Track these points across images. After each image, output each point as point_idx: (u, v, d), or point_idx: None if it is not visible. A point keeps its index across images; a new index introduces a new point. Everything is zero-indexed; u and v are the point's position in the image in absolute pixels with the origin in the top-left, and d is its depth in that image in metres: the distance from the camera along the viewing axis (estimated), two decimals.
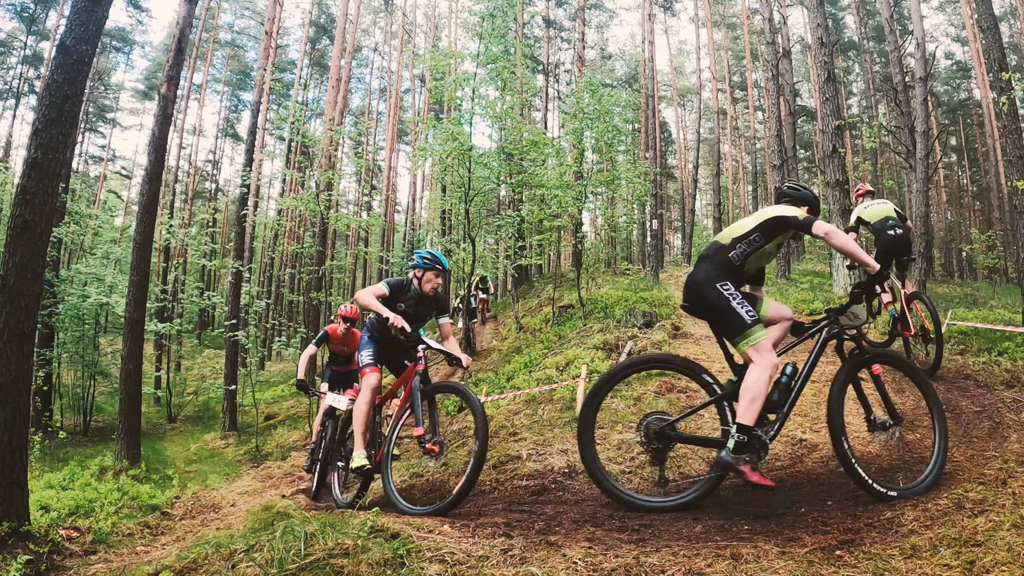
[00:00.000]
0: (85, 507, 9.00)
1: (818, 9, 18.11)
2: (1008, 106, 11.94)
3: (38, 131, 6.99)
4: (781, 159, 23.75)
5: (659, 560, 3.56)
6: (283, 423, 21.35)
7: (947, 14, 47.55)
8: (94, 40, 7.65)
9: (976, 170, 48.24)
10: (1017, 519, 3.68)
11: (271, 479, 12.47)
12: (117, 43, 47.40)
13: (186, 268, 43.62)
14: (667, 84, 56.00)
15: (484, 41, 19.02)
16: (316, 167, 29.59)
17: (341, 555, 3.36)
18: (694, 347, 11.72)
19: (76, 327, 23.98)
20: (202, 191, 52.04)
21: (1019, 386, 7.43)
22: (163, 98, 15.35)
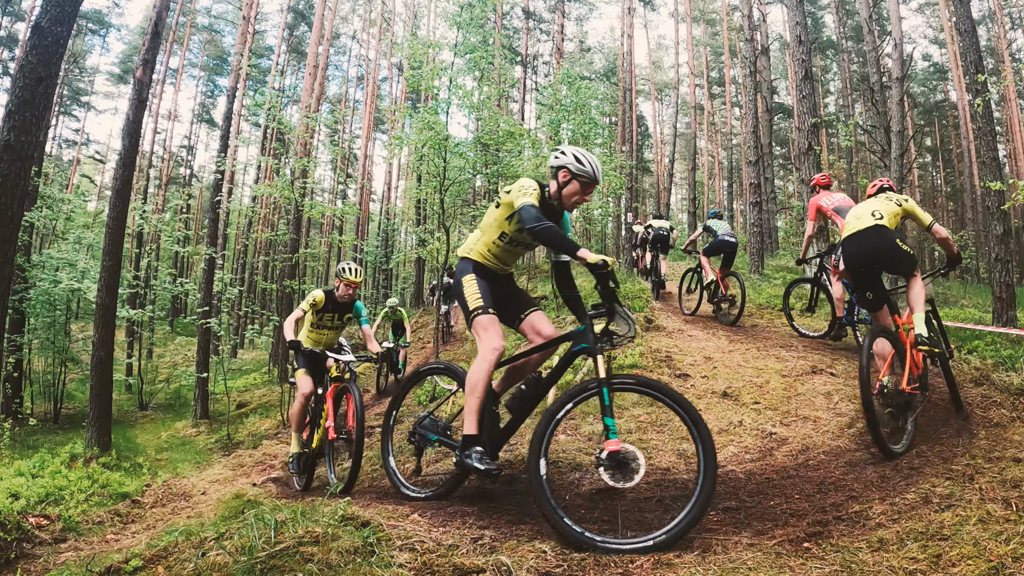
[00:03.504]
0: (55, 495, 8.95)
1: (797, 7, 18.18)
2: (983, 108, 12.05)
3: (11, 113, 6.93)
4: (757, 155, 23.85)
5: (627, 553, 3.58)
6: (255, 411, 21.29)
7: (925, 16, 47.96)
8: (70, 22, 7.59)
9: (950, 171, 48.72)
10: (983, 514, 3.73)
11: (242, 467, 12.44)
12: (93, 25, 46.97)
13: (159, 254, 43.35)
14: (645, 78, 56.11)
15: (463, 31, 18.98)
16: (291, 154, 29.45)
17: (311, 543, 3.36)
18: (666, 340, 11.75)
19: (47, 313, 23.77)
20: (176, 177, 51.68)
21: (988, 384, 7.51)
22: (138, 82, 15.22)
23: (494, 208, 5.24)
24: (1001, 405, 6.79)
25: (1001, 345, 8.96)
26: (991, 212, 11.91)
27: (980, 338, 9.47)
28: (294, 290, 25.88)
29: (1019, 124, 41.53)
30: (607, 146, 31.28)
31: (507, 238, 5.23)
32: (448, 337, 21.81)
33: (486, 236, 5.28)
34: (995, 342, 9.19)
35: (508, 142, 19.51)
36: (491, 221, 5.25)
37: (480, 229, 5.36)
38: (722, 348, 10.68)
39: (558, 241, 4.64)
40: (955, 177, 47.26)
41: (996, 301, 11.47)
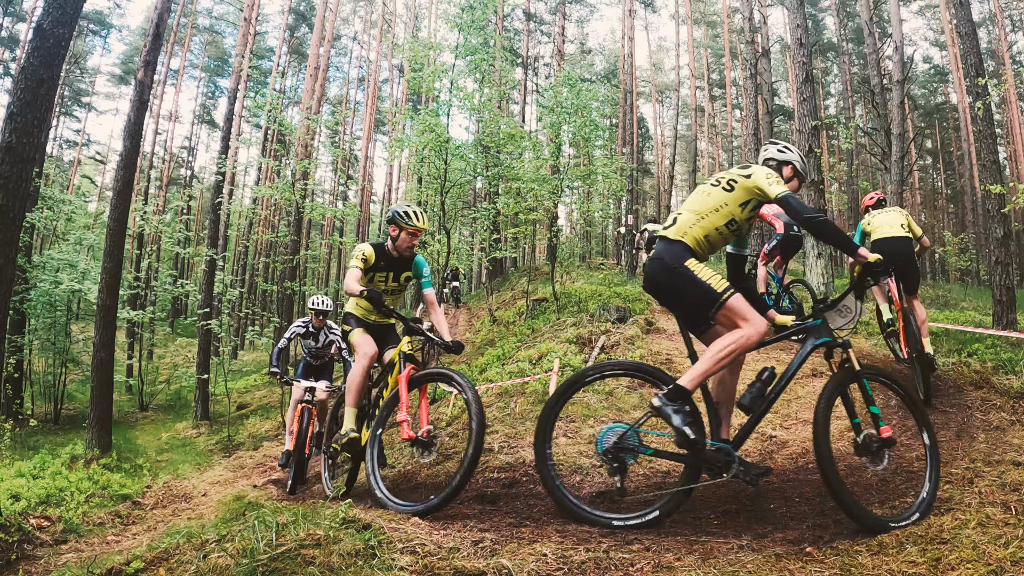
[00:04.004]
0: (56, 496, 8.94)
1: (798, 10, 18.17)
2: (983, 111, 12.04)
3: (12, 115, 6.93)
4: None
5: (628, 554, 3.59)
6: (255, 412, 21.28)
7: (926, 18, 47.95)
8: (71, 23, 7.60)
9: (951, 173, 48.69)
10: (982, 518, 3.73)
11: (243, 469, 12.43)
12: (94, 26, 46.92)
13: (159, 255, 43.27)
14: (646, 80, 56.08)
15: (464, 32, 19.01)
16: (292, 156, 29.47)
17: (312, 546, 3.36)
18: (667, 343, 11.77)
19: (48, 314, 23.77)
20: (177, 178, 51.68)
21: (987, 387, 7.52)
22: (139, 83, 15.22)
23: (722, 191, 4.81)
24: (1001, 408, 6.80)
25: (1001, 348, 8.97)
26: (991, 215, 11.91)
27: (980, 341, 9.48)
28: (295, 291, 25.89)
29: (1020, 126, 41.53)
30: (608, 148, 31.34)
31: (734, 226, 4.81)
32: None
33: (707, 221, 4.73)
34: (995, 345, 9.20)
35: (509, 144, 19.53)
36: (716, 204, 4.79)
37: (695, 212, 4.78)
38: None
39: (838, 236, 4.52)
40: (955, 179, 47.26)
41: (996, 304, 11.47)
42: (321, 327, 10.77)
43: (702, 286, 4.48)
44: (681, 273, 4.54)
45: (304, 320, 10.93)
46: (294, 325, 10.99)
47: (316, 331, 10.78)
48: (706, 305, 4.50)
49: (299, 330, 10.81)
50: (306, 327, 10.78)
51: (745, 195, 4.74)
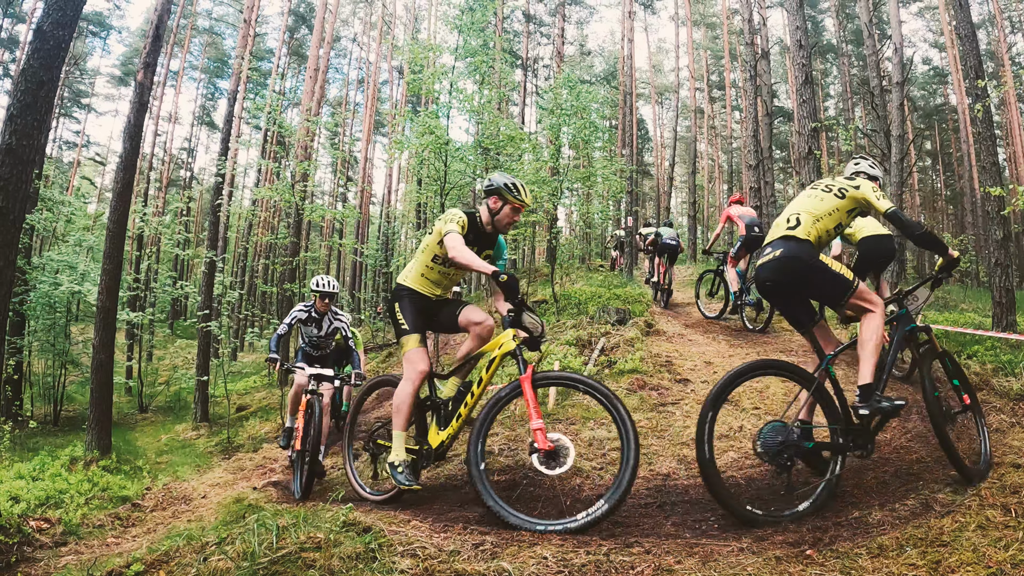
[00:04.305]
0: (55, 498, 8.92)
1: (797, 12, 18.17)
2: (983, 113, 12.04)
3: (12, 117, 6.94)
4: (757, 159, 23.84)
5: (629, 557, 3.59)
6: (255, 414, 21.25)
7: (925, 20, 47.92)
8: (71, 25, 7.61)
9: (950, 174, 48.67)
10: (983, 520, 3.74)
11: (242, 471, 12.42)
12: (94, 27, 46.89)
13: (159, 257, 43.26)
14: (645, 82, 56.09)
15: (463, 34, 19.02)
16: (292, 157, 29.46)
17: (313, 549, 3.37)
18: (667, 344, 11.77)
19: (47, 315, 23.77)
20: (177, 179, 51.67)
21: (987, 389, 7.52)
22: (139, 85, 15.21)
23: (834, 197, 5.33)
24: (1001, 410, 6.81)
25: (1001, 350, 8.97)
26: (991, 217, 11.91)
27: (980, 343, 9.48)
28: (294, 293, 25.87)
29: (1019, 128, 41.51)
30: (607, 150, 31.33)
31: (840, 230, 5.40)
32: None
33: (821, 223, 5.25)
34: (995, 347, 9.20)
35: (509, 146, 19.53)
36: (830, 208, 5.30)
37: (812, 215, 5.26)
38: (722, 353, 10.70)
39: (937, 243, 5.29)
40: (955, 181, 47.23)
41: (996, 306, 11.46)
42: (325, 312, 9.70)
43: (837, 276, 5.05)
44: (817, 267, 5.06)
45: (306, 304, 9.78)
46: (295, 310, 9.77)
47: (319, 317, 9.73)
48: (841, 293, 5.07)
49: (300, 315, 9.66)
50: (308, 312, 9.68)
51: (852, 204, 5.32)
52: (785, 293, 5.39)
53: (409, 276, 6.02)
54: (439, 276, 6.00)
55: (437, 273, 5.98)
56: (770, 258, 5.25)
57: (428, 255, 5.92)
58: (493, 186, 5.81)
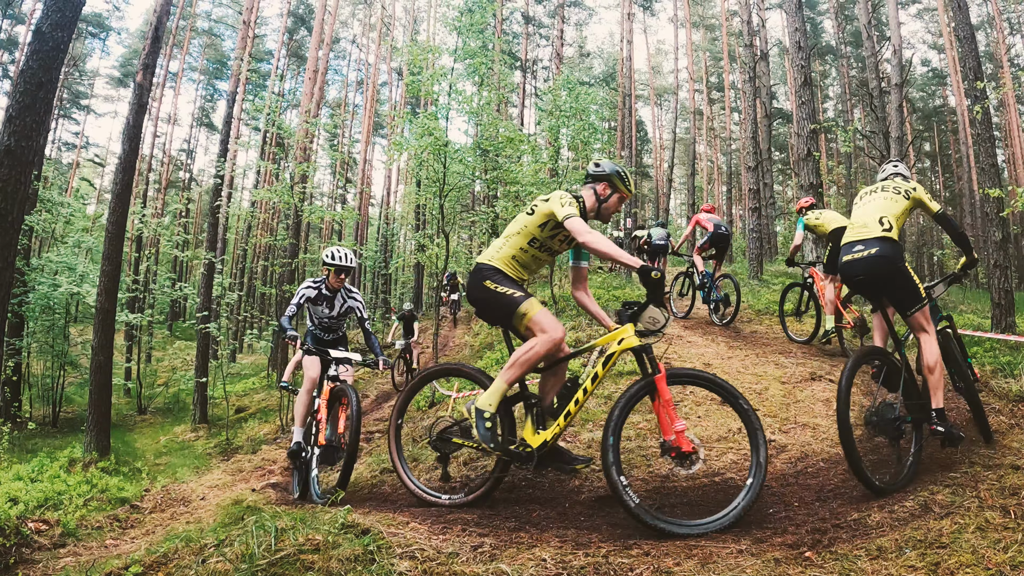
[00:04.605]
0: (54, 499, 8.93)
1: (796, 13, 18.19)
2: (982, 115, 12.06)
3: (11, 118, 6.94)
4: (756, 161, 23.84)
5: (628, 559, 3.59)
6: (254, 416, 21.26)
7: (924, 21, 48.03)
8: (70, 27, 7.60)
9: (949, 176, 48.76)
10: (982, 522, 3.73)
11: (241, 472, 12.41)
12: (93, 29, 46.94)
13: (158, 258, 43.27)
14: (644, 83, 56.16)
15: (462, 36, 18.98)
16: (291, 159, 29.47)
17: (311, 551, 3.36)
18: (665, 346, 11.76)
19: (46, 316, 23.76)
20: (176, 180, 51.72)
21: (986, 391, 7.51)
22: (138, 86, 15.22)
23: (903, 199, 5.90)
24: (1000, 412, 6.80)
25: (1000, 351, 8.97)
26: (990, 218, 11.93)
27: (979, 344, 9.48)
28: (293, 295, 25.92)
29: (1018, 130, 41.58)
30: (606, 151, 31.28)
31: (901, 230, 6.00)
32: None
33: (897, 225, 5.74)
34: (994, 348, 9.20)
35: (508, 147, 19.51)
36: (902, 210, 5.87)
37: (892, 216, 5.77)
38: (721, 354, 10.68)
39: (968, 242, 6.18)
40: (954, 182, 47.33)
41: (995, 307, 11.48)
42: (338, 289, 8.31)
43: (916, 288, 5.52)
44: (904, 272, 5.48)
45: (316, 280, 8.36)
46: (303, 287, 8.30)
47: (331, 294, 8.32)
48: (912, 304, 5.54)
49: (309, 292, 8.23)
50: (318, 289, 8.27)
51: (913, 205, 5.93)
52: (874, 289, 5.84)
53: (496, 257, 5.42)
54: (530, 260, 5.51)
55: (530, 257, 5.49)
56: (865, 255, 5.60)
57: (524, 237, 5.42)
58: (604, 172, 5.49)
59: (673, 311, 15.07)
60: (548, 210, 5.20)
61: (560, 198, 5.20)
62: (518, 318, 5.10)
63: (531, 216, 5.36)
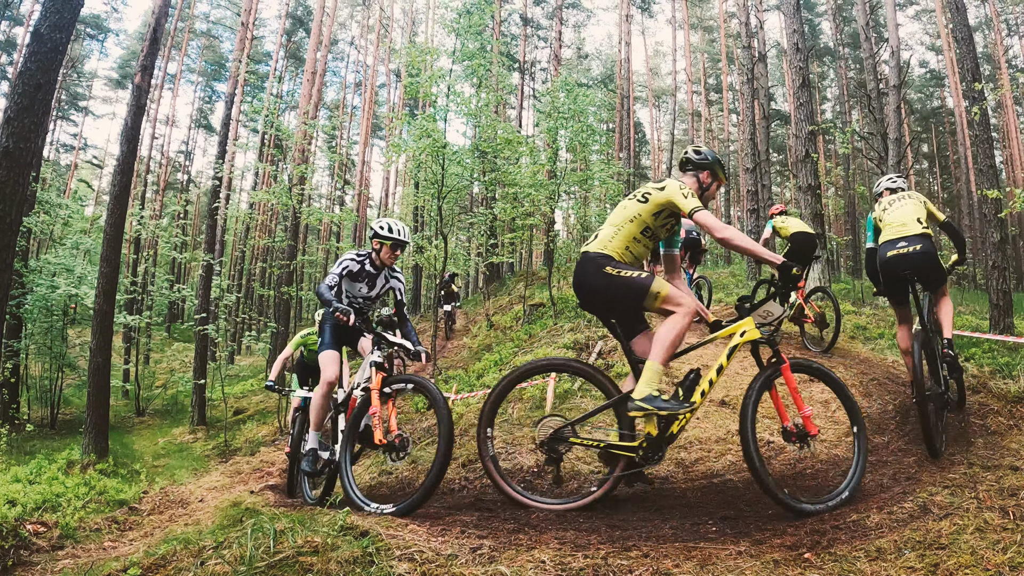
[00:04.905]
0: (52, 501, 8.90)
1: (795, 15, 18.20)
2: (980, 116, 12.07)
3: (9, 120, 6.94)
4: (754, 162, 23.85)
5: (627, 560, 3.58)
6: (252, 418, 21.25)
7: (922, 23, 48.04)
8: (69, 28, 7.60)
9: (947, 177, 48.77)
10: (981, 523, 3.74)
11: (240, 474, 12.42)
12: (91, 30, 46.91)
13: (156, 260, 43.29)
14: (643, 85, 56.18)
15: (461, 37, 19.00)
16: (289, 160, 29.49)
17: (310, 553, 3.36)
18: None
19: (44, 318, 23.72)
20: (174, 182, 51.67)
21: (985, 392, 7.52)
22: (137, 88, 15.21)
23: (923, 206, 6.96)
24: (998, 413, 6.81)
25: (998, 352, 8.97)
26: (988, 219, 11.94)
27: (977, 345, 9.49)
28: (291, 296, 25.86)
29: (1016, 131, 41.62)
30: (604, 153, 31.32)
31: None
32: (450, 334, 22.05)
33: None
34: (992, 349, 9.20)
35: (506, 149, 19.54)
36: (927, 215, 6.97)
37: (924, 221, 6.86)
38: (719, 356, 10.68)
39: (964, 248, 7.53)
40: (952, 183, 47.33)
41: (993, 308, 11.49)
42: (388, 266, 7.17)
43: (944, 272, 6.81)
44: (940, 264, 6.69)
45: (361, 253, 7.20)
46: (345, 258, 7.11)
47: (375, 272, 7.19)
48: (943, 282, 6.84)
49: (352, 266, 7.06)
50: (362, 263, 7.11)
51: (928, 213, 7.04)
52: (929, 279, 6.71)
53: (609, 245, 5.26)
54: (642, 250, 5.36)
55: (642, 247, 5.35)
56: (910, 251, 6.56)
57: (639, 226, 5.30)
58: (707, 160, 5.53)
59: None
60: (665, 199, 5.15)
61: (680, 188, 5.16)
62: (652, 297, 5.00)
63: (644, 204, 5.26)
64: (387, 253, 6.95)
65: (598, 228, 5.53)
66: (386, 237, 6.83)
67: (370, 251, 7.10)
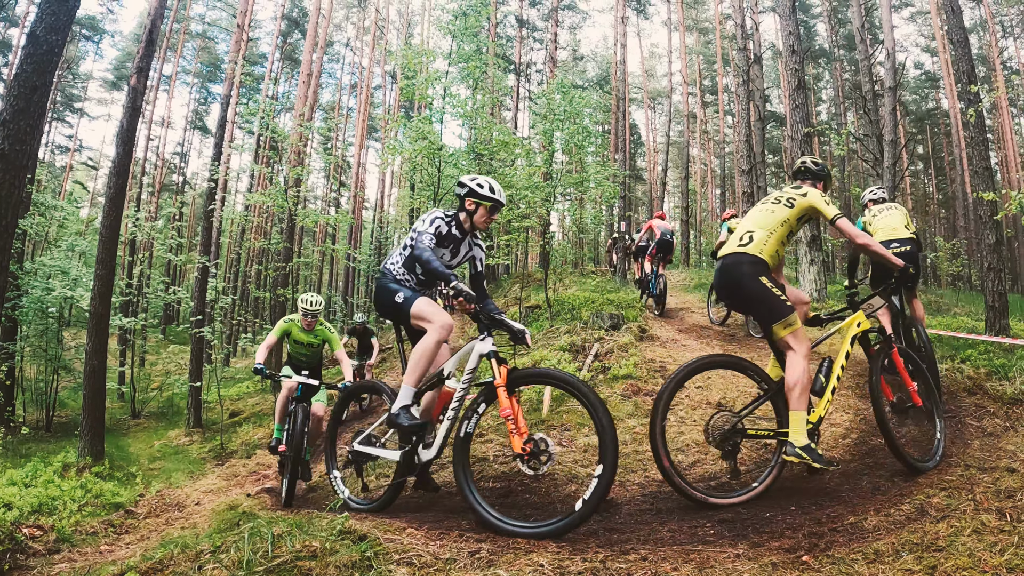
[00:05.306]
0: (48, 505, 8.89)
1: (790, 17, 18.22)
2: (975, 118, 12.09)
3: (5, 122, 6.92)
4: (750, 164, 23.87)
5: (625, 564, 3.59)
6: (248, 420, 21.19)
7: (917, 25, 48.11)
8: (65, 30, 7.59)
9: (942, 178, 48.82)
10: (978, 524, 3.75)
11: (236, 477, 12.40)
12: (87, 31, 46.80)
13: (152, 262, 43.23)
14: (638, 86, 56.21)
15: (456, 39, 19.04)
16: (285, 162, 29.48)
17: (308, 557, 3.35)
18: (660, 350, 11.77)
19: (40, 320, 23.65)
20: (169, 184, 51.54)
21: (981, 393, 7.53)
22: (132, 90, 15.18)
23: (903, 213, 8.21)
24: (995, 415, 6.82)
25: (994, 354, 8.98)
26: (983, 221, 11.95)
27: (973, 347, 9.50)
28: (287, 298, 25.83)
29: (1011, 132, 41.70)
30: (600, 154, 31.34)
31: None
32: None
33: None
34: (988, 351, 9.21)
35: (502, 151, 19.54)
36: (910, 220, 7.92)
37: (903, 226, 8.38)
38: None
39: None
40: (947, 185, 47.40)
41: (989, 310, 11.49)
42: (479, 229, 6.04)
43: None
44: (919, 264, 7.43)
45: (448, 213, 5.99)
46: (436, 216, 5.85)
47: (461, 237, 6.03)
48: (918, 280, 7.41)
49: (441, 227, 5.85)
50: (449, 225, 5.93)
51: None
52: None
53: (764, 250, 5.43)
54: (783, 253, 5.65)
55: (783, 250, 5.64)
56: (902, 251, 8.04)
57: (787, 229, 5.58)
58: (823, 171, 6.02)
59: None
60: (808, 204, 5.52)
61: (821, 195, 5.60)
62: (783, 326, 5.25)
63: (791, 209, 5.55)
64: (483, 215, 5.86)
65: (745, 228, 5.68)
66: (486, 197, 5.78)
67: (456, 212, 5.98)
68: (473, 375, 5.41)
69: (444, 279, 5.26)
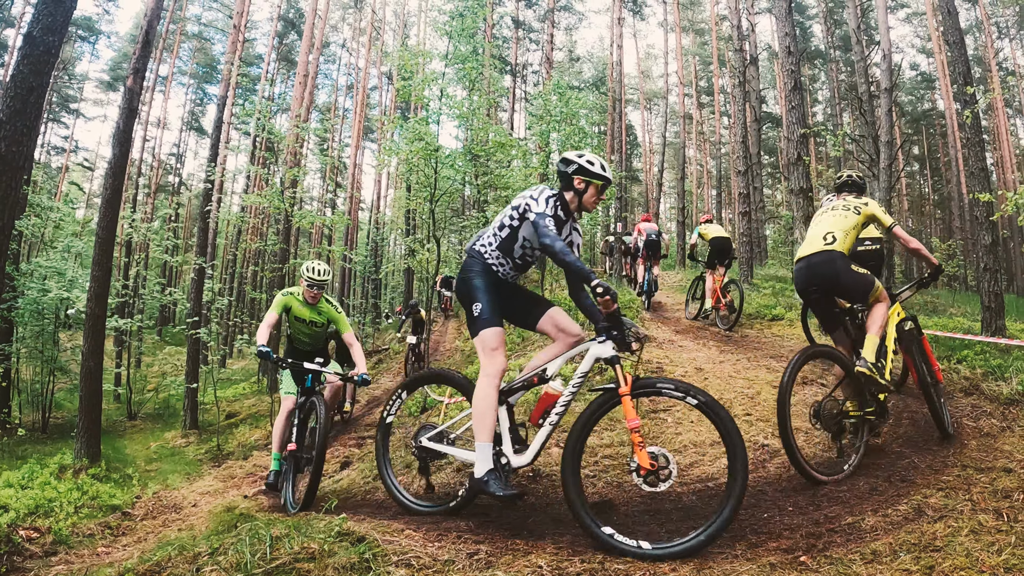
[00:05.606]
0: (45, 507, 8.87)
1: (786, 18, 18.23)
2: (971, 119, 12.11)
3: (1, 123, 6.92)
4: (746, 165, 23.85)
5: (624, 564, 3.59)
6: (244, 421, 21.19)
7: (913, 26, 48.17)
8: (61, 31, 7.58)
9: (938, 179, 48.90)
10: (975, 525, 3.75)
11: (233, 479, 12.36)
12: (83, 32, 46.71)
13: (148, 263, 43.20)
14: (634, 88, 56.22)
15: (453, 40, 19.01)
16: (281, 163, 29.41)
17: (307, 559, 3.35)
18: (657, 351, 11.76)
19: (36, 322, 23.62)
20: (165, 185, 51.48)
21: (977, 394, 7.54)
22: (129, 91, 15.16)
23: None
24: (991, 415, 6.81)
25: (990, 354, 8.98)
26: (979, 222, 11.98)
27: (969, 347, 9.50)
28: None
29: (1007, 133, 41.78)
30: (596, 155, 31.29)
31: None
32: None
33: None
34: (984, 351, 9.21)
35: (498, 152, 19.51)
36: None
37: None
38: (713, 359, 10.68)
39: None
40: (943, 185, 47.48)
41: (985, 310, 11.52)
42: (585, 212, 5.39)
43: None
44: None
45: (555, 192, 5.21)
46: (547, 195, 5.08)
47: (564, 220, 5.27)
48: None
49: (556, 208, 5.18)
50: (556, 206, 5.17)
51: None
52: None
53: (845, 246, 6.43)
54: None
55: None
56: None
57: (857, 232, 6.49)
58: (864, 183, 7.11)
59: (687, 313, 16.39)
60: (871, 212, 6.44)
61: (879, 204, 6.56)
62: (874, 292, 6.25)
63: (858, 216, 6.44)
64: (593, 195, 5.22)
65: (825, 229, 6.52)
66: (597, 175, 5.16)
67: (559, 191, 5.30)
68: (584, 379, 4.90)
69: (585, 278, 4.55)
